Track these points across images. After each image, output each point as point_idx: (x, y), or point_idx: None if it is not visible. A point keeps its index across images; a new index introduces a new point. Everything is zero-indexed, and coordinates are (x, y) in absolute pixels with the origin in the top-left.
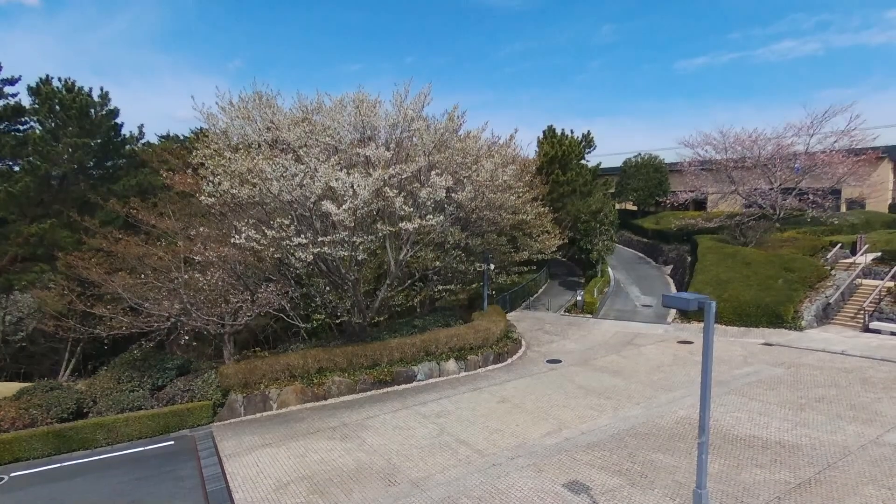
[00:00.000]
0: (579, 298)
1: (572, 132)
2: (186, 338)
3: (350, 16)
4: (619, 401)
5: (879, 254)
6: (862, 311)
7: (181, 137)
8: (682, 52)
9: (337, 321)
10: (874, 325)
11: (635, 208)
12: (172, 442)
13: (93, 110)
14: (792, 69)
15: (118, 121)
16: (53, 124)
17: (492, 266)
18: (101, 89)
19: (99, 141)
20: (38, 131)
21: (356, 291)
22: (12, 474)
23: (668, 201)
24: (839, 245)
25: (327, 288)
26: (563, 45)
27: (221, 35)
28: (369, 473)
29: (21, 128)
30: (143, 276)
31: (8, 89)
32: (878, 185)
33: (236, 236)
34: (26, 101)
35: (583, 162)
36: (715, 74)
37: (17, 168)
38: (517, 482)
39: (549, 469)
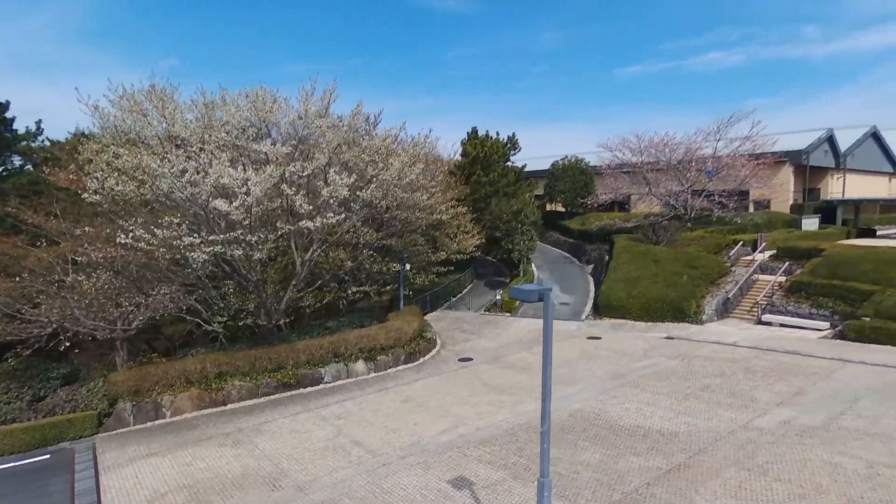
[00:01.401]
0: (498, 298)
1: (497, 134)
2: (67, 344)
3: (292, 15)
4: (521, 396)
5: (775, 251)
6: (756, 305)
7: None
8: (620, 60)
9: (240, 324)
10: (766, 317)
11: (563, 209)
12: (48, 456)
13: None
14: (722, 79)
15: (9, 115)
16: None
17: (408, 266)
18: None
19: None
20: None
21: (260, 293)
22: None
23: (588, 203)
24: (741, 243)
25: (231, 290)
26: (510, 50)
27: (154, 31)
28: (255, 479)
29: None
30: (17, 279)
31: None
32: (779, 187)
33: (122, 236)
34: None
35: (508, 164)
36: (651, 82)
37: None
38: (403, 480)
39: (438, 466)
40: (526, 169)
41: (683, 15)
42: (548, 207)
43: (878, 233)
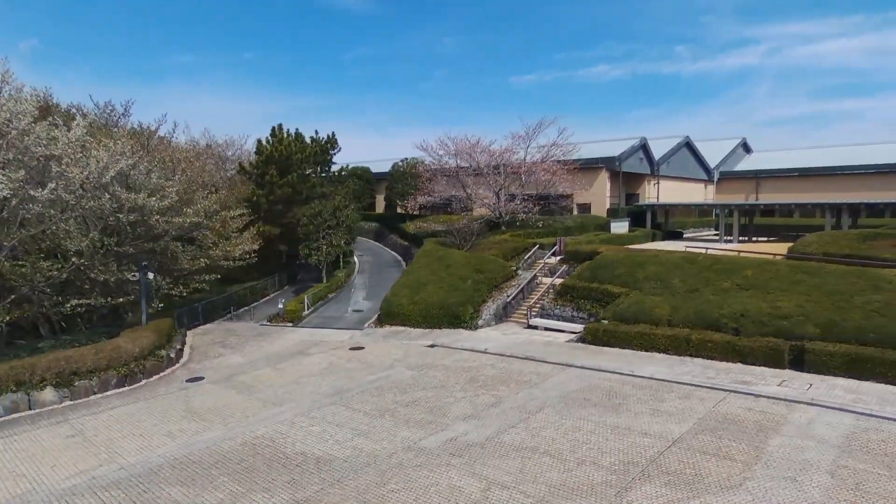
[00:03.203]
0: (280, 307)
1: (316, 132)
2: None
3: (178, 2)
4: (212, 423)
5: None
6: (530, 309)
7: None
8: (515, 68)
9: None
10: (533, 321)
11: (403, 211)
12: None
13: None
14: (610, 89)
15: None
16: None
17: (151, 275)
18: None
19: None
20: None
21: None
22: None
23: (407, 205)
24: (537, 246)
25: None
26: (410, 53)
27: (10, 6)
28: None
29: None
30: None
31: None
32: (586, 191)
33: None
34: None
35: (332, 165)
36: (545, 91)
37: None
38: None
39: None
40: (383, 171)
41: (572, 28)
42: (398, 210)
43: (686, 235)
